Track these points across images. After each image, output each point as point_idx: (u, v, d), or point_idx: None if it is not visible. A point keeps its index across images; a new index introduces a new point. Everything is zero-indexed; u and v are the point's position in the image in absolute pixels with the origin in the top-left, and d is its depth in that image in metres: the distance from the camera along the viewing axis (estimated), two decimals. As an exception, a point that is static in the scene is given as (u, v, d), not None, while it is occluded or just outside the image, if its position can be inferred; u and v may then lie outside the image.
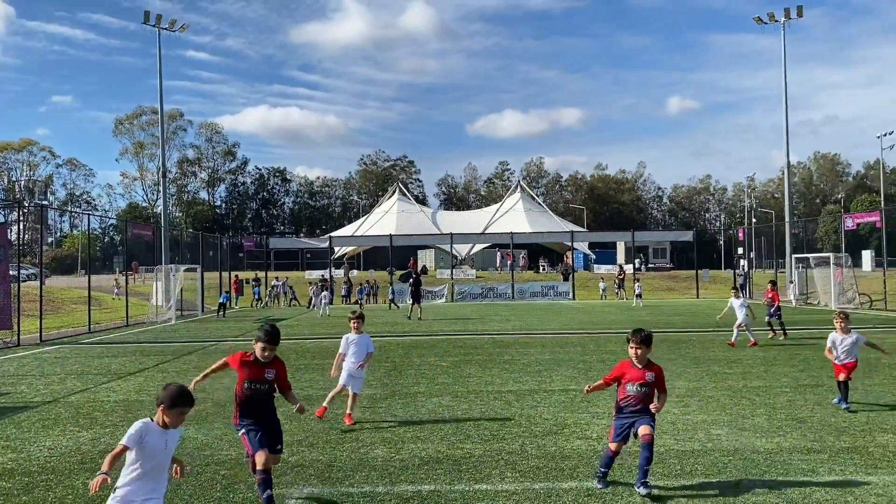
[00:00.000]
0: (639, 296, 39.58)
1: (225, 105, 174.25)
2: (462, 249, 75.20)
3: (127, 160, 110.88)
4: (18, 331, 21.70)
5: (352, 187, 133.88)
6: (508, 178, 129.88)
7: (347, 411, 9.37)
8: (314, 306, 38.87)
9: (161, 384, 13.04)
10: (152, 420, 4.62)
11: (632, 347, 6.71)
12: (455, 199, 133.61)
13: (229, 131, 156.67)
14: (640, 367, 6.66)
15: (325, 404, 9.47)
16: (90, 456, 7.99)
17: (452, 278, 51.18)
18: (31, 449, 8.35)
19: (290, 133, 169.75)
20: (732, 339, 17.70)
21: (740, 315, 17.71)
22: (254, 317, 33.47)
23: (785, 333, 19.36)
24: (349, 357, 9.49)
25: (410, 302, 30.77)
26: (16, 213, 29.97)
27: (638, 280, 42.77)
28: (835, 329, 10.36)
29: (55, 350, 19.73)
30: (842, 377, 10.03)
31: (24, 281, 28.27)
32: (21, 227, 26.20)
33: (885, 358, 13.06)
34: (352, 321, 9.69)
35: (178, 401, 4.62)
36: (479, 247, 76.78)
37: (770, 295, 19.90)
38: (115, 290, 41.28)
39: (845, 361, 10.08)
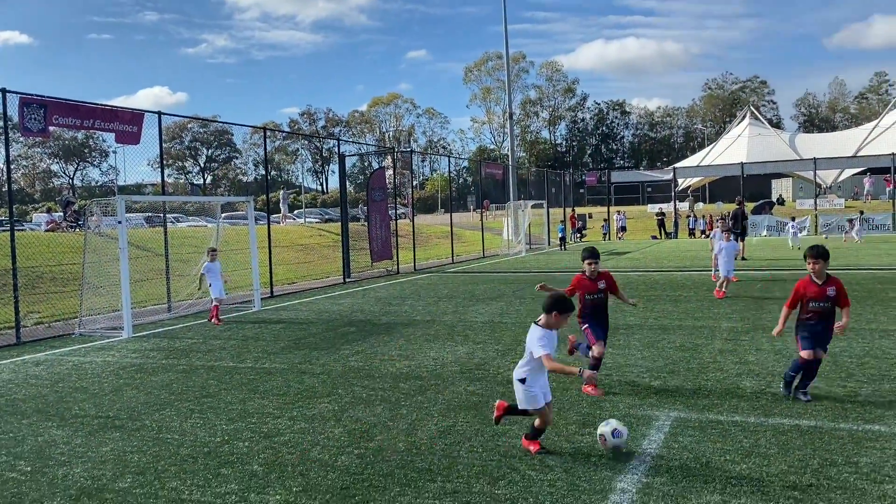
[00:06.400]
0: None
1: (561, 43, 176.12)
2: (827, 177, 66.82)
3: (476, 106, 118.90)
4: (397, 261, 24.95)
5: (695, 115, 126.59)
6: (887, 91, 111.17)
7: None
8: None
9: (519, 309, 13.99)
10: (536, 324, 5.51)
11: (809, 263, 6.65)
12: (817, 121, 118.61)
13: (568, 69, 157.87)
14: (819, 282, 6.61)
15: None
16: (467, 367, 8.89)
17: (816, 209, 45.95)
18: (419, 358, 9.56)
19: (627, 65, 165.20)
20: None
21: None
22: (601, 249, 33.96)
23: None
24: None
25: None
26: (388, 159, 34.20)
27: None
28: None
29: (426, 277, 22.31)
30: None
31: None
32: (394, 171, 29.78)
33: None
34: None
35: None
36: (847, 172, 67.42)
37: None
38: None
39: None
